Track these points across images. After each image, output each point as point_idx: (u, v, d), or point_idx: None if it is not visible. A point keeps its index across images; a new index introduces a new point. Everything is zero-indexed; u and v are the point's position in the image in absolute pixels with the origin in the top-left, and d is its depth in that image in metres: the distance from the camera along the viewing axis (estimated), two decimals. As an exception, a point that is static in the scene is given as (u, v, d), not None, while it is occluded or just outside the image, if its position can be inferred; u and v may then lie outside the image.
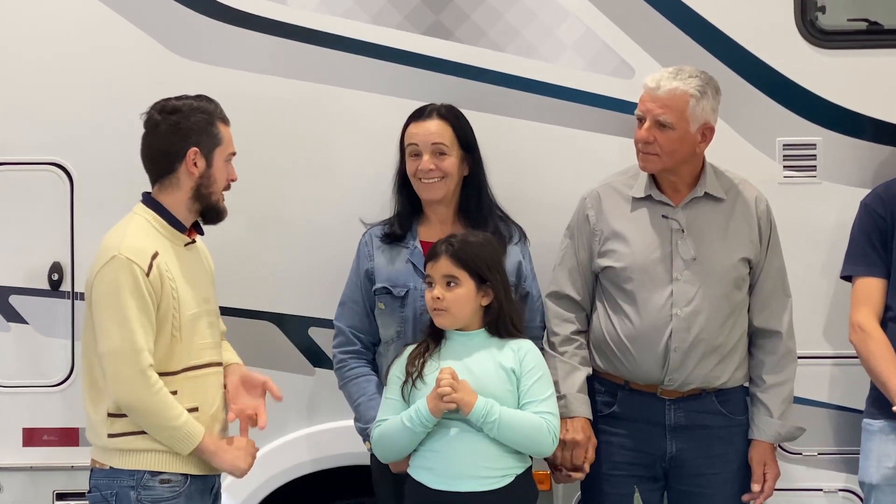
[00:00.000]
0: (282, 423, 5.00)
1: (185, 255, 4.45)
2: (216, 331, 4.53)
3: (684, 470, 4.75)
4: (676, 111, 4.64)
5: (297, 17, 5.04)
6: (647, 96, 4.68)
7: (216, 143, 4.42)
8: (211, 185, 4.42)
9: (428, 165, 4.71)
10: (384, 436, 4.49)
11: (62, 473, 5.04)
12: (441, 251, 4.50)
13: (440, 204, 4.76)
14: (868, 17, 5.10)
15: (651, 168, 4.74)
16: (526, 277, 4.80)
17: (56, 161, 5.05)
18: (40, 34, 5.04)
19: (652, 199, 4.78)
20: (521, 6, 5.02)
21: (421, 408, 4.40)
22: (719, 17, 5.00)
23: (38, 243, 5.04)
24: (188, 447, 4.31)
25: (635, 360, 4.71)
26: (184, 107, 4.41)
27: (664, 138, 4.66)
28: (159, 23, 5.03)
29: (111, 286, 4.27)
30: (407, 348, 4.58)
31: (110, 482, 4.32)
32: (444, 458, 4.42)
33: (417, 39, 5.03)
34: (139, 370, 4.22)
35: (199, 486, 4.40)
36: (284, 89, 5.04)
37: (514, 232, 4.82)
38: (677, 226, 4.74)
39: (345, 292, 4.81)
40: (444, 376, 4.39)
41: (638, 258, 4.73)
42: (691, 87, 4.65)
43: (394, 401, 4.51)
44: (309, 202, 5.06)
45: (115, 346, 4.24)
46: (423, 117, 4.76)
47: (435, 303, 4.48)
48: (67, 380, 5.04)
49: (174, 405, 4.28)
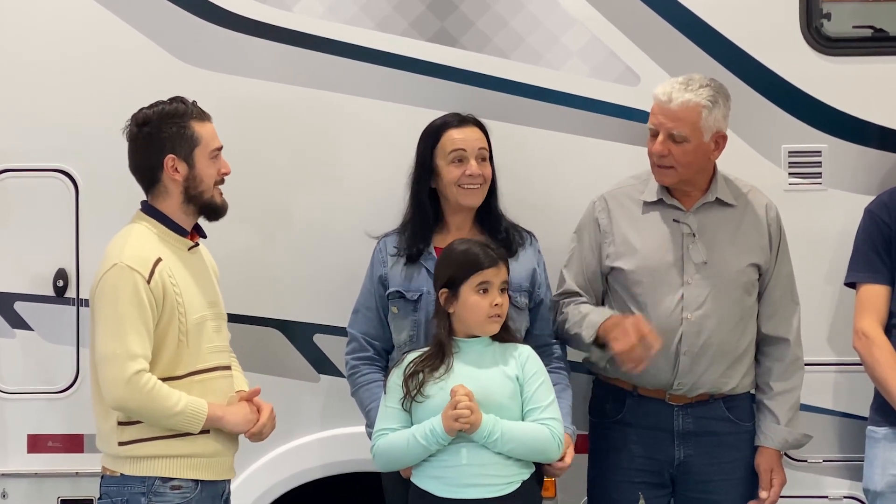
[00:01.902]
0: (287, 430, 4.98)
1: (190, 260, 4.46)
2: (223, 334, 4.54)
3: (691, 476, 4.75)
4: (690, 123, 4.64)
5: (302, 23, 5.03)
6: (659, 109, 4.67)
7: (193, 144, 4.41)
8: (198, 185, 4.42)
9: (477, 171, 4.70)
10: (391, 449, 4.45)
11: (67, 480, 5.03)
12: (497, 258, 4.47)
13: (466, 211, 4.76)
14: (873, 25, 5.11)
15: (668, 181, 4.74)
16: (540, 285, 4.80)
17: (61, 168, 5.05)
18: (45, 40, 5.04)
19: (663, 203, 4.78)
20: (526, 13, 5.03)
21: (437, 427, 4.35)
22: (725, 23, 5.01)
23: (44, 250, 5.04)
24: (198, 425, 4.32)
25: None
26: (154, 115, 4.41)
27: (679, 151, 4.66)
28: (164, 29, 5.03)
29: (110, 294, 4.29)
30: (406, 356, 4.54)
31: (121, 489, 4.33)
32: (452, 467, 4.40)
33: (423, 46, 5.03)
34: (129, 374, 4.22)
35: (210, 492, 4.41)
36: (289, 96, 5.04)
37: (526, 237, 4.82)
38: (688, 230, 4.74)
39: (358, 300, 4.80)
40: (461, 398, 4.34)
41: (649, 261, 4.73)
42: (703, 98, 4.64)
43: (394, 410, 4.47)
44: (314, 209, 5.06)
45: (107, 351, 4.27)
46: (462, 124, 4.74)
47: (497, 309, 4.46)
48: (72, 386, 5.03)
49: (169, 395, 4.27)
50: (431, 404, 4.41)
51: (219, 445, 4.42)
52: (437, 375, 4.43)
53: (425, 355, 4.48)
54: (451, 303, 4.47)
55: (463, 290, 4.45)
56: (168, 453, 4.32)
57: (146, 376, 4.25)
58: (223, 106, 4.72)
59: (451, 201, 4.74)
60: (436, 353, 4.46)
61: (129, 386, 4.23)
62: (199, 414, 4.32)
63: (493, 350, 4.51)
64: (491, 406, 4.40)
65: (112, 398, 4.28)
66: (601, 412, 4.86)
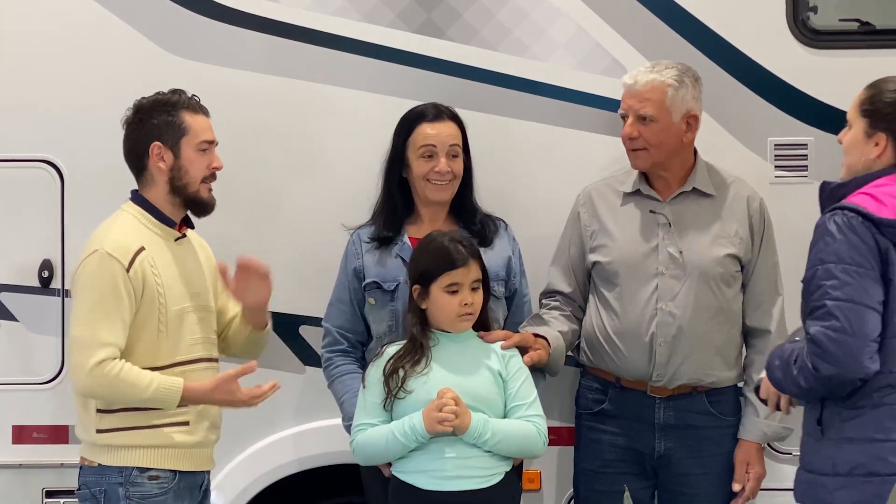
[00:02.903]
0: (272, 422, 5.00)
1: (176, 250, 4.46)
2: (208, 326, 4.53)
3: (672, 469, 4.75)
4: (656, 102, 4.68)
5: (289, 14, 5.03)
6: (627, 93, 4.74)
7: (181, 133, 4.41)
8: (183, 176, 4.42)
9: (445, 168, 4.70)
10: (369, 444, 4.45)
11: (51, 471, 5.02)
12: (467, 256, 4.44)
13: (437, 203, 4.75)
14: (860, 17, 5.10)
15: (641, 165, 4.75)
16: (515, 274, 4.81)
17: (47, 158, 5.04)
18: (32, 31, 5.03)
19: (641, 193, 4.79)
20: (513, 5, 5.02)
21: (417, 425, 4.34)
22: (711, 16, 5.00)
23: (29, 241, 5.03)
24: (174, 401, 4.30)
25: (623, 355, 4.72)
26: (146, 103, 4.44)
27: (648, 132, 4.69)
28: (151, 20, 5.02)
29: (88, 281, 4.31)
30: (386, 349, 4.51)
31: (99, 479, 4.33)
32: (436, 460, 4.39)
33: (409, 38, 5.03)
34: (92, 363, 4.23)
35: (187, 482, 4.41)
36: (276, 87, 5.03)
37: (500, 225, 4.83)
38: (664, 220, 4.75)
39: (333, 293, 4.81)
40: (447, 401, 4.33)
41: (624, 252, 4.74)
42: (668, 77, 4.69)
43: (374, 404, 4.45)
44: (299, 200, 5.06)
45: (76, 336, 4.29)
46: (436, 118, 4.74)
47: (467, 308, 4.44)
48: (57, 377, 5.02)
49: (138, 378, 4.27)
50: (413, 399, 4.40)
51: (198, 437, 4.42)
52: (419, 370, 4.42)
53: (403, 351, 4.47)
54: (424, 299, 4.47)
55: (433, 288, 4.44)
56: (146, 443, 4.32)
57: (111, 363, 4.24)
58: (209, 97, 4.70)
59: (419, 193, 4.75)
60: (412, 349, 4.45)
61: (91, 374, 4.24)
62: (173, 390, 4.29)
63: (476, 344, 4.51)
64: (477, 400, 4.40)
65: (76, 385, 4.31)
66: (586, 404, 4.86)
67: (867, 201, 4.03)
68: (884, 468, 3.94)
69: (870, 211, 4.00)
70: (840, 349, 3.95)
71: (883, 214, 4.00)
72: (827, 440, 4.05)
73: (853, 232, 4.00)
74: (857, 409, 4.01)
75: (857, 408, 4.01)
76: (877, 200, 4.03)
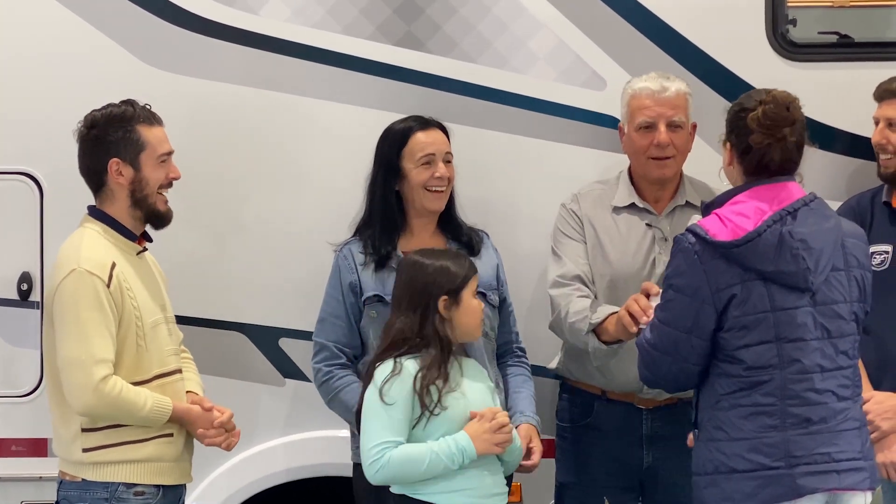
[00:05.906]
0: (251, 435, 4.98)
1: (139, 264, 4.45)
2: (176, 337, 4.54)
3: (659, 481, 4.76)
4: (684, 110, 4.75)
5: (268, 27, 5.02)
6: (654, 101, 4.72)
7: (139, 148, 4.39)
8: (144, 188, 4.40)
9: (445, 173, 4.70)
10: (408, 462, 4.23)
11: (30, 484, 5.00)
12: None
13: (429, 215, 4.75)
14: (839, 31, 5.13)
15: (670, 173, 4.77)
16: (503, 282, 4.81)
17: (26, 171, 5.02)
18: (8, 42, 5.01)
19: (635, 206, 4.79)
20: (493, 18, 5.02)
21: (467, 447, 4.24)
22: (691, 29, 5.02)
23: (8, 253, 5.01)
24: (163, 420, 4.33)
25: (613, 367, 4.70)
26: (101, 118, 4.40)
27: (679, 139, 4.75)
28: (130, 32, 5.01)
29: (71, 300, 4.28)
30: (403, 364, 4.32)
31: (82, 494, 4.32)
32: (478, 477, 4.30)
33: (389, 50, 5.02)
34: (96, 381, 4.22)
35: (170, 497, 4.41)
36: (255, 100, 5.02)
37: (483, 235, 4.83)
38: (661, 234, 4.75)
39: (323, 308, 4.74)
40: (503, 421, 4.30)
41: (620, 266, 4.74)
42: (685, 87, 4.77)
43: (400, 420, 4.26)
44: (280, 212, 5.05)
45: (71, 357, 4.26)
46: (427, 126, 4.73)
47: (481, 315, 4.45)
48: (36, 390, 5.00)
49: (136, 397, 4.27)
50: (447, 415, 4.29)
51: (180, 449, 4.42)
52: (453, 386, 4.32)
53: (431, 365, 4.31)
54: (452, 308, 4.37)
55: (465, 294, 4.37)
56: (132, 458, 4.31)
57: (112, 381, 4.24)
58: (187, 109, 4.70)
59: (415, 205, 4.73)
60: (439, 363, 4.31)
61: (96, 392, 4.22)
62: (164, 409, 4.32)
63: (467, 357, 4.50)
64: None
65: (80, 405, 4.26)
66: (569, 417, 4.85)
67: (711, 222, 4.10)
68: (741, 465, 4.06)
69: (708, 233, 4.06)
70: (653, 364, 4.19)
71: (720, 237, 4.05)
72: (699, 442, 4.20)
73: (684, 255, 4.10)
74: (719, 410, 4.13)
75: (719, 409, 4.13)
76: (721, 221, 4.09)
